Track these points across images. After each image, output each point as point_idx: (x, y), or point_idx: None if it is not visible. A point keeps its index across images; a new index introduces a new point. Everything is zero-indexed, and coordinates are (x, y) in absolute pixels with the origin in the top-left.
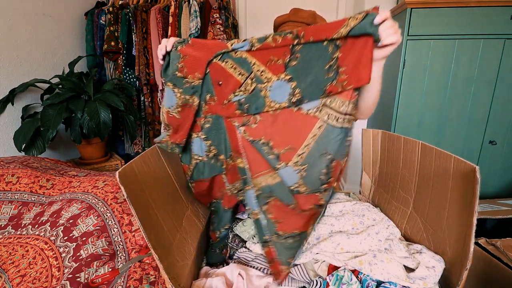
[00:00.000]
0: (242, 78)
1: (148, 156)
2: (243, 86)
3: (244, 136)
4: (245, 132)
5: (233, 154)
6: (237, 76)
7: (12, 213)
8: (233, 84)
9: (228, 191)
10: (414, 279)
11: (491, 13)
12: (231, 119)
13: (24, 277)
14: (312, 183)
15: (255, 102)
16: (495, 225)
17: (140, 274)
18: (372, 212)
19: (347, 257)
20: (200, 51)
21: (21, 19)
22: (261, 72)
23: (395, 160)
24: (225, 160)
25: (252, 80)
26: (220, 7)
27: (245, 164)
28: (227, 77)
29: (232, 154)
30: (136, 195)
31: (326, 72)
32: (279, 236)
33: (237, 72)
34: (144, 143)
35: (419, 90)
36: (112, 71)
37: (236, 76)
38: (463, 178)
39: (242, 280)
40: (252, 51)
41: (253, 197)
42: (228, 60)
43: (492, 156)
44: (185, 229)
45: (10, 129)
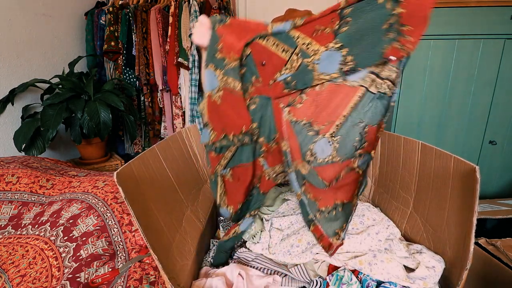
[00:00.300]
0: (286, 55)
1: (147, 156)
2: (288, 63)
3: (288, 118)
4: (289, 113)
5: (277, 137)
6: (280, 53)
7: (12, 213)
8: (278, 62)
9: (267, 175)
10: (414, 279)
11: (491, 13)
12: (278, 100)
13: (24, 277)
14: (345, 152)
15: (303, 78)
16: (495, 225)
17: (140, 274)
18: (372, 212)
19: (347, 257)
20: (238, 33)
21: (21, 19)
22: (307, 45)
23: (395, 160)
24: (265, 143)
25: (298, 55)
26: (220, 7)
27: (287, 148)
28: (270, 56)
29: (276, 137)
30: (134, 195)
31: (384, 32)
32: (322, 212)
33: (280, 49)
34: (144, 143)
35: (419, 90)
36: (112, 71)
37: (279, 53)
38: (463, 178)
39: (242, 280)
40: (296, 27)
41: (294, 179)
42: (269, 38)
43: (492, 156)
44: (185, 229)
45: (10, 129)
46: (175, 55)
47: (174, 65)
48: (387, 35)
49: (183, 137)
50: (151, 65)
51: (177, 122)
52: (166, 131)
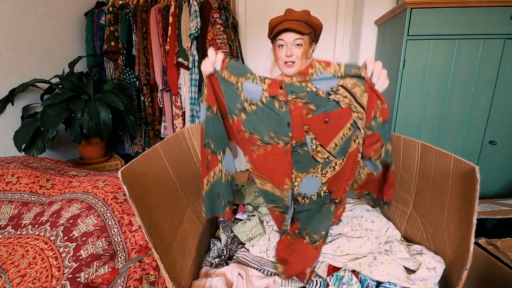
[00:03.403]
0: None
1: (150, 155)
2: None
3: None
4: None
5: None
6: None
7: (12, 213)
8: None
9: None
10: (414, 280)
11: (491, 13)
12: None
13: (24, 277)
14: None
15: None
16: (495, 225)
17: (140, 274)
18: (371, 214)
19: (347, 259)
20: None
21: (21, 19)
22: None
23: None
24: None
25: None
26: (220, 7)
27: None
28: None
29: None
30: (137, 194)
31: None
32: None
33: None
34: (144, 143)
35: (419, 90)
36: (112, 71)
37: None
38: (463, 178)
39: (242, 280)
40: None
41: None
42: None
43: (492, 156)
44: (186, 229)
45: (10, 129)
46: (175, 55)
47: (174, 65)
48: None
49: (185, 137)
50: (151, 65)
51: (177, 122)
52: (166, 131)
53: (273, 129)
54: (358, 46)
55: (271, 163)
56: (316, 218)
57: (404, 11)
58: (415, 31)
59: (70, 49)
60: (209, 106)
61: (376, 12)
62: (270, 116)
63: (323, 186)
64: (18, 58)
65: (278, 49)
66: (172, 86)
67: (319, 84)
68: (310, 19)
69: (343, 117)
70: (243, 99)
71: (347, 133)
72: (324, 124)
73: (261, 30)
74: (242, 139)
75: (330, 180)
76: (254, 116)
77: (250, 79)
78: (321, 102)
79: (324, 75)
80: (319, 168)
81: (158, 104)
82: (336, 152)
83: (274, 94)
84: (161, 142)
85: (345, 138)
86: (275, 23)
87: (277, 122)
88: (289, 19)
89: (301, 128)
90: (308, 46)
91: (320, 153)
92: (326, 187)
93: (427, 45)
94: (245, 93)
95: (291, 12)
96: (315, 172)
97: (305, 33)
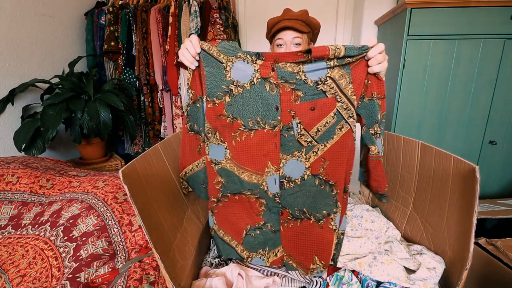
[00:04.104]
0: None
1: (150, 155)
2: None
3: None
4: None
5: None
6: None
7: (12, 213)
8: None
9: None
10: (414, 281)
11: (491, 13)
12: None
13: (24, 277)
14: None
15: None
16: (495, 225)
17: (140, 274)
18: (371, 214)
19: (347, 259)
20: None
21: (21, 19)
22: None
23: (395, 160)
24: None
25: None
26: (220, 7)
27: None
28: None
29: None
30: (138, 194)
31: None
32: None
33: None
34: (144, 143)
35: (419, 90)
36: (112, 71)
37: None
38: (463, 178)
39: (242, 280)
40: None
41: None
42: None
43: (492, 156)
44: (186, 229)
45: (10, 129)
46: (175, 55)
47: (174, 65)
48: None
49: None
50: (151, 65)
51: (177, 122)
52: (166, 131)
53: (260, 113)
54: None
55: (253, 150)
56: (311, 198)
57: (404, 11)
58: (415, 31)
59: (70, 49)
60: (193, 90)
61: (376, 12)
62: (257, 99)
63: (306, 170)
64: (18, 58)
65: (276, 48)
66: (172, 86)
67: (309, 73)
68: (308, 19)
69: (327, 106)
70: (229, 81)
71: (331, 121)
72: (310, 111)
73: (261, 30)
74: (222, 124)
75: (314, 165)
76: (241, 99)
77: (241, 58)
78: (308, 90)
79: (316, 64)
80: (303, 152)
81: (158, 104)
82: (318, 137)
83: (266, 76)
84: (162, 142)
85: (328, 126)
86: (274, 22)
87: (265, 106)
88: (288, 17)
89: (289, 113)
90: (307, 45)
91: (304, 136)
92: (310, 171)
93: (427, 45)
94: (233, 74)
95: (289, 12)
96: (300, 156)
97: (304, 31)
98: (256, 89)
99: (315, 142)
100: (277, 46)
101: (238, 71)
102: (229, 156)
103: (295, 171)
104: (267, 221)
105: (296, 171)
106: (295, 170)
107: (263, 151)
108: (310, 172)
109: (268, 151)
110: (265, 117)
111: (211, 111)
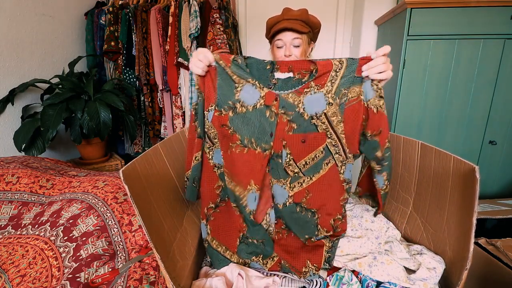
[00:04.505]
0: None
1: (151, 155)
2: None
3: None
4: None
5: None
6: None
7: (12, 213)
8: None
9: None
10: (414, 281)
11: (491, 13)
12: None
13: (24, 277)
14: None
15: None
16: (495, 225)
17: (140, 274)
18: (370, 214)
19: (347, 259)
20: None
21: (21, 19)
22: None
23: (395, 160)
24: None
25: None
26: (220, 7)
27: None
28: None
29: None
30: (138, 194)
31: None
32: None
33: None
34: (144, 143)
35: (419, 90)
36: (112, 71)
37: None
38: (463, 178)
39: (242, 280)
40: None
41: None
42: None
43: (492, 156)
44: (186, 229)
45: (10, 129)
46: (175, 55)
47: (174, 65)
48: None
49: (185, 136)
50: (151, 65)
51: (177, 122)
52: (166, 131)
53: (255, 135)
54: (358, 46)
55: (241, 165)
56: (294, 222)
57: (404, 11)
58: (415, 31)
59: (70, 49)
60: (201, 92)
61: (376, 12)
62: (256, 123)
63: (289, 198)
64: (18, 58)
65: (276, 50)
66: (172, 86)
67: (308, 106)
68: (308, 18)
69: (317, 140)
70: (237, 99)
71: (319, 155)
72: (301, 143)
73: (261, 30)
74: (223, 133)
75: (297, 194)
76: (241, 118)
77: (251, 83)
78: (303, 123)
79: (316, 96)
80: (288, 181)
81: (158, 104)
82: (305, 170)
83: (269, 104)
84: (162, 141)
85: (316, 160)
86: (273, 22)
87: (261, 130)
88: (287, 18)
89: (281, 142)
90: (307, 45)
91: (291, 166)
92: (292, 200)
93: (427, 45)
94: (241, 94)
95: (289, 11)
96: (284, 184)
97: (304, 32)
98: (257, 113)
99: (302, 174)
100: (277, 47)
101: (246, 94)
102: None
103: (279, 196)
104: (251, 236)
105: (279, 196)
106: (279, 196)
107: (249, 169)
108: (292, 200)
109: (253, 170)
110: (258, 140)
111: (216, 119)
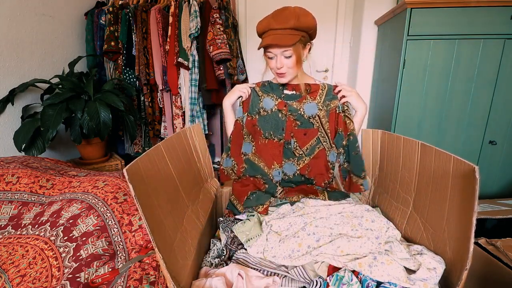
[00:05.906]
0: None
1: (153, 154)
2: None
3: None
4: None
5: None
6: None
7: (12, 213)
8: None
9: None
10: (414, 281)
11: (491, 13)
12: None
13: (24, 277)
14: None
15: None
16: (495, 225)
17: (140, 274)
18: (371, 214)
19: (347, 259)
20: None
21: (21, 19)
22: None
23: (395, 160)
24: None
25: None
26: (220, 7)
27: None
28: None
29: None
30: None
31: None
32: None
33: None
34: (144, 143)
35: (419, 90)
36: (112, 71)
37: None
38: (463, 178)
39: (242, 280)
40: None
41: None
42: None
43: (492, 156)
44: (186, 229)
45: (10, 129)
46: (175, 55)
47: (174, 65)
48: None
49: (187, 136)
50: (151, 65)
51: (177, 122)
52: (166, 131)
53: (273, 129)
54: (358, 46)
55: (267, 151)
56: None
57: (404, 11)
58: (415, 31)
59: (70, 49)
60: (242, 108)
61: (376, 12)
62: (273, 121)
63: (297, 171)
64: (18, 58)
65: (268, 60)
66: (172, 86)
67: (307, 110)
68: (300, 22)
69: (313, 133)
70: (261, 107)
71: (313, 143)
72: (303, 135)
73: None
74: (254, 130)
75: (302, 168)
76: (264, 118)
77: (270, 96)
78: (304, 121)
79: (311, 104)
80: (296, 160)
81: (158, 104)
82: (306, 152)
83: (280, 108)
84: (164, 141)
85: (312, 145)
86: (261, 31)
87: (276, 126)
88: (275, 27)
89: (289, 134)
90: (301, 52)
91: (297, 150)
92: (299, 172)
93: (427, 45)
94: (263, 103)
95: (278, 18)
96: (293, 162)
97: (293, 44)
98: (273, 115)
99: (304, 155)
100: (268, 57)
101: (266, 103)
102: (254, 151)
103: (289, 170)
104: (268, 189)
105: (290, 170)
106: (289, 170)
107: (271, 154)
108: (299, 172)
109: (274, 154)
110: (275, 133)
111: (249, 122)
